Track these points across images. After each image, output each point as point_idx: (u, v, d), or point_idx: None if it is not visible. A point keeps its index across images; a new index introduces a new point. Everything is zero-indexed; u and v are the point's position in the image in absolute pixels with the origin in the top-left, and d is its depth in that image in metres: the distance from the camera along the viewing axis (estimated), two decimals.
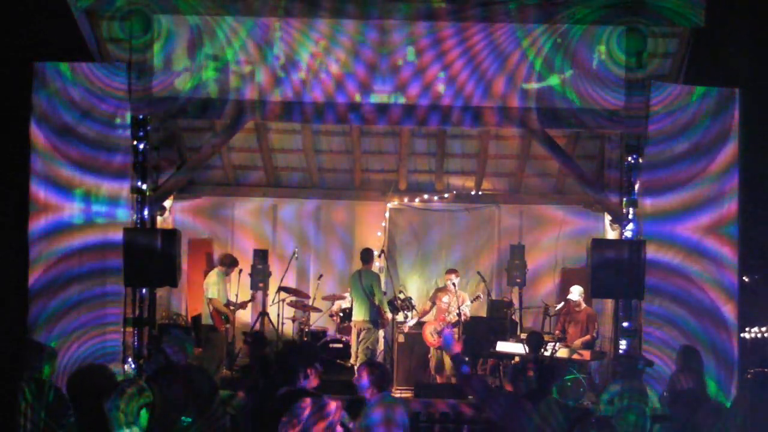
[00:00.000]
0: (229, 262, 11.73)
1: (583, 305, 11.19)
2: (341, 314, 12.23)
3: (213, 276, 11.58)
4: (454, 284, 11.55)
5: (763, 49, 11.90)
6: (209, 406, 6.26)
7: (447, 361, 11.47)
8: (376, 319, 11.31)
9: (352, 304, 11.61)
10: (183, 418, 5.78)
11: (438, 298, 11.69)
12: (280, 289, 11.77)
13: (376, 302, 11.31)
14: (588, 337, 10.96)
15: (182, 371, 6.55)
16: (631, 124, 9.63)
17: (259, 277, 12.07)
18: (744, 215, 9.55)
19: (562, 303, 11.44)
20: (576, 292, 11.06)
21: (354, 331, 11.48)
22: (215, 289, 11.42)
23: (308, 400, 4.98)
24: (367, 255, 11.66)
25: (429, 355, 11.65)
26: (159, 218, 10.46)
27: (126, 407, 5.06)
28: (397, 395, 10.13)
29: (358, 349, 11.30)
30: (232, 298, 11.85)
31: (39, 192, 9.39)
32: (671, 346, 9.04)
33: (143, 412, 5.15)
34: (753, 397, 7.27)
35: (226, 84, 9.72)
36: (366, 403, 6.17)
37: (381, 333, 12.01)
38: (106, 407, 5.11)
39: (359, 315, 11.39)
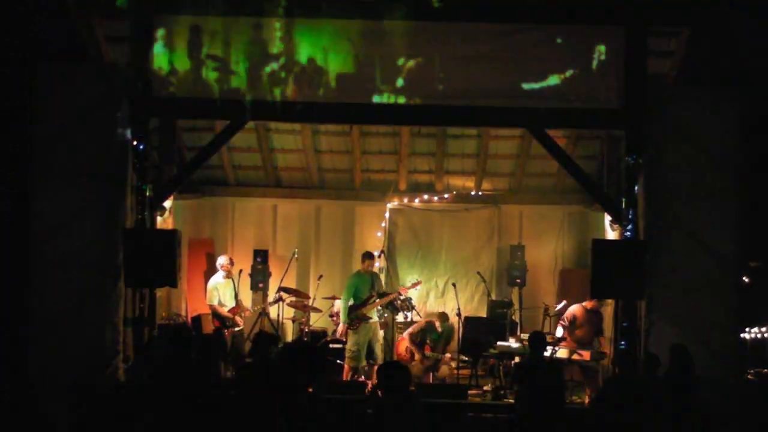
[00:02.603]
0: (226, 262, 11.58)
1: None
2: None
3: (212, 281, 11.47)
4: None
5: (763, 48, 11.91)
6: None
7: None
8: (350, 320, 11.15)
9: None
10: None
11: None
12: (280, 289, 11.76)
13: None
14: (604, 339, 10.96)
15: None
16: (630, 124, 9.63)
17: (259, 277, 12.05)
18: (745, 214, 9.54)
19: (563, 303, 11.43)
20: None
21: None
22: (213, 295, 11.32)
23: None
24: (363, 256, 11.57)
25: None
26: (159, 218, 10.45)
27: None
28: None
29: None
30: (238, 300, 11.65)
31: (39, 191, 9.37)
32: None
33: None
34: (753, 397, 7.34)
35: (226, 84, 9.72)
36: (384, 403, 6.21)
37: (381, 333, 12.01)
38: None
39: None
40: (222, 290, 11.26)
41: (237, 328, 11.17)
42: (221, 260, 11.42)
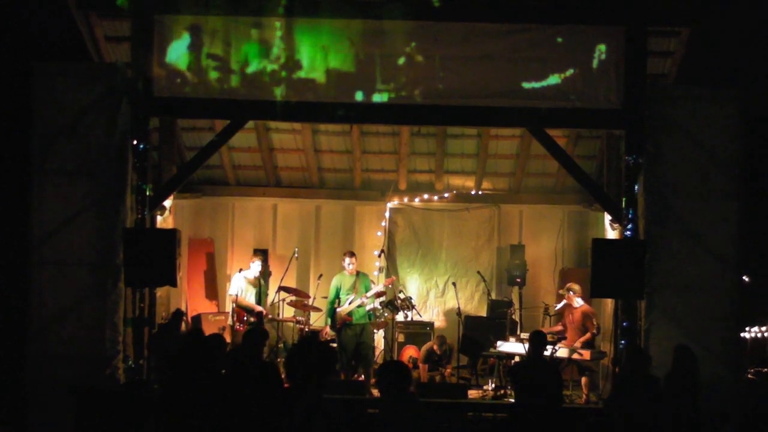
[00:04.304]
0: (258, 259, 11.57)
1: (577, 303, 10.96)
2: None
3: (240, 276, 11.54)
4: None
5: (763, 48, 11.92)
6: None
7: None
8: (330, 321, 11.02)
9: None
10: None
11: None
12: (280, 288, 11.77)
13: None
14: (588, 335, 10.78)
15: None
16: (630, 124, 9.63)
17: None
18: (745, 214, 9.52)
19: (563, 302, 11.42)
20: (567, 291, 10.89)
21: None
22: (235, 288, 11.39)
23: None
24: None
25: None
26: (159, 218, 10.45)
27: None
28: None
29: None
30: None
31: (39, 191, 9.36)
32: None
33: None
34: (753, 396, 7.33)
35: (226, 84, 9.72)
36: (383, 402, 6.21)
37: (381, 332, 12.01)
38: None
39: None
40: (246, 288, 11.32)
41: None
42: (257, 262, 11.56)
